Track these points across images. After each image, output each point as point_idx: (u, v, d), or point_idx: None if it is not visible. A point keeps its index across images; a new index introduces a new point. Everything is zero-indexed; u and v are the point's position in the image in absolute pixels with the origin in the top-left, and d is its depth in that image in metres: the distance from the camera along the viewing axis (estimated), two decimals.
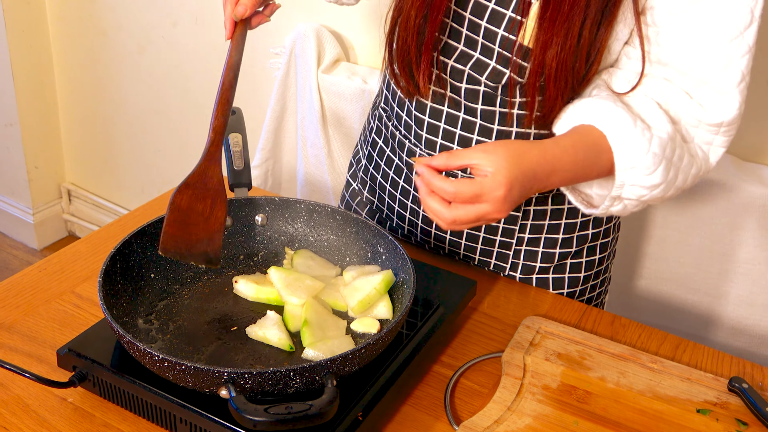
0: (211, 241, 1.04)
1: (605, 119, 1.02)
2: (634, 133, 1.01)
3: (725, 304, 1.71)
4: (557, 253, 1.24)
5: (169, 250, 1.02)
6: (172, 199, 1.00)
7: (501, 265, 1.26)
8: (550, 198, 1.20)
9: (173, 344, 0.99)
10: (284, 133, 2.08)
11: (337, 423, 0.88)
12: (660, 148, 1.01)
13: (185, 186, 1.01)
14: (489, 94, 1.11)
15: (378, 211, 1.34)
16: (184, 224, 1.02)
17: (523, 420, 0.97)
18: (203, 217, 1.03)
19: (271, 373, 0.84)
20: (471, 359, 1.08)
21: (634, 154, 1.01)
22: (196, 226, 1.03)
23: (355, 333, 1.03)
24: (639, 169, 1.01)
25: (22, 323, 1.09)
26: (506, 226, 1.22)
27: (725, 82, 1.02)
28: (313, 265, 1.13)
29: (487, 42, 1.08)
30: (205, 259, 1.04)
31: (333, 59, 1.97)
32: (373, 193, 1.34)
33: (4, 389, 0.97)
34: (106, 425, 0.94)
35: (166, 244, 1.02)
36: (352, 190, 1.39)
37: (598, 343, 1.10)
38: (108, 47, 2.53)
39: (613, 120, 1.01)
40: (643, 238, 1.75)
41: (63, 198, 2.93)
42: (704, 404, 1.02)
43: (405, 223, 1.29)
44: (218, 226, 1.04)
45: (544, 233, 1.23)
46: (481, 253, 1.25)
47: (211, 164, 1.01)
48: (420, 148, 1.20)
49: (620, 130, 1.01)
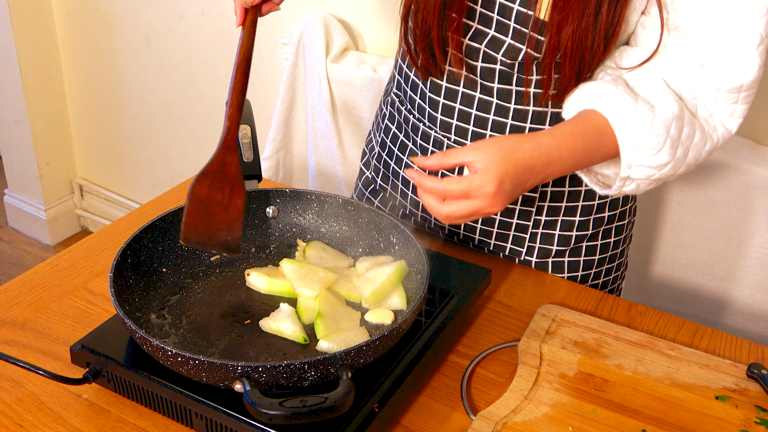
0: (231, 230, 1.04)
1: (606, 102, 1.01)
2: (635, 114, 1.00)
3: (741, 289, 1.70)
4: (573, 236, 1.23)
5: (190, 240, 1.02)
6: (192, 189, 1.00)
7: (517, 250, 1.25)
8: (568, 179, 1.19)
9: (187, 339, 0.98)
10: (294, 124, 2.08)
11: (353, 415, 0.88)
12: (663, 128, 1.00)
13: (203, 175, 1.01)
14: (505, 72, 1.10)
15: (391, 199, 1.33)
16: (204, 214, 1.02)
17: (541, 409, 0.96)
18: (222, 206, 1.03)
19: (285, 366, 0.84)
20: (487, 348, 1.08)
21: (637, 134, 1.00)
22: (216, 215, 1.02)
23: (369, 324, 1.02)
24: (644, 150, 1.01)
25: (35, 320, 1.08)
26: (523, 209, 1.21)
27: (744, 45, 1.00)
28: (325, 257, 1.13)
29: (502, 18, 1.07)
30: (226, 247, 1.04)
31: (341, 48, 1.96)
32: (386, 180, 1.33)
33: (19, 387, 0.97)
34: (122, 421, 0.93)
35: (187, 234, 1.01)
36: (365, 178, 1.39)
37: (615, 331, 1.09)
38: (115, 41, 2.52)
39: (614, 102, 1.01)
40: (658, 224, 1.74)
41: (75, 193, 2.93)
42: (723, 391, 1.01)
43: (419, 209, 1.28)
44: (237, 214, 1.03)
45: (560, 215, 1.22)
46: (496, 237, 1.24)
47: (228, 153, 1.01)
48: (435, 131, 1.20)
49: (621, 112, 1.00)
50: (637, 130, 1.00)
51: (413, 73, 1.21)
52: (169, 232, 1.10)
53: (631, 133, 1.00)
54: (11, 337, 1.05)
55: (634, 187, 1.06)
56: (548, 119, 1.13)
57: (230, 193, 1.02)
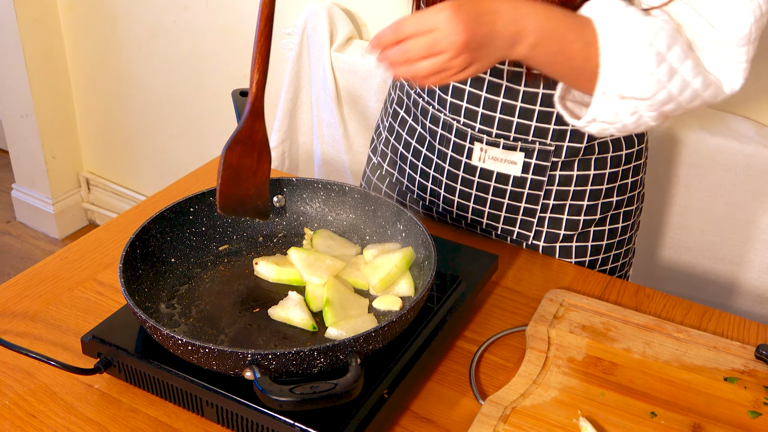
0: (260, 194, 1.07)
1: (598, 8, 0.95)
2: (624, 13, 0.93)
3: (749, 271, 1.70)
4: (582, 221, 1.23)
5: (227, 209, 1.05)
6: (224, 158, 1.02)
7: (525, 234, 1.25)
8: (576, 163, 1.19)
9: (196, 328, 0.99)
10: (299, 114, 2.08)
11: (362, 401, 0.88)
12: (651, 33, 0.92)
13: (235, 143, 1.02)
14: None
15: (398, 184, 1.33)
16: (235, 181, 1.05)
17: (550, 393, 0.97)
18: (251, 171, 1.05)
19: (295, 354, 0.84)
20: (495, 334, 1.08)
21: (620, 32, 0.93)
22: (246, 181, 1.06)
23: (377, 311, 1.03)
24: (625, 53, 0.92)
25: (45, 312, 1.09)
26: (531, 192, 1.21)
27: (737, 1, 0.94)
28: (333, 245, 1.13)
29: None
30: (257, 212, 1.08)
31: (346, 37, 1.96)
32: (393, 165, 1.33)
33: (31, 378, 0.98)
34: (134, 410, 0.94)
35: (224, 204, 1.05)
36: (373, 164, 1.39)
37: (623, 314, 1.10)
38: (120, 34, 2.53)
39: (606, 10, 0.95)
40: (664, 208, 1.74)
41: (82, 187, 2.94)
42: (732, 372, 1.01)
43: (427, 193, 1.29)
44: (265, 178, 1.07)
45: (569, 200, 1.22)
46: (504, 221, 1.25)
47: (255, 119, 1.02)
48: (444, 113, 1.20)
49: (608, 7, 0.94)
50: (621, 26, 0.92)
51: None
52: (176, 222, 1.10)
53: (614, 31, 0.93)
54: (22, 328, 1.06)
55: (613, 116, 0.97)
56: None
57: (258, 158, 1.05)
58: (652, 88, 0.94)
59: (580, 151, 1.18)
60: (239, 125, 1.02)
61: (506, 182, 1.20)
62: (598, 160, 1.20)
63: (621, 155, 1.21)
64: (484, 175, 1.21)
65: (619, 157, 1.21)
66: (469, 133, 1.18)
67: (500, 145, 1.17)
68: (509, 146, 1.17)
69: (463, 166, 1.21)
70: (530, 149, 1.17)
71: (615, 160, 1.21)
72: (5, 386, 0.97)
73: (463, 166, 1.21)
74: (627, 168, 1.22)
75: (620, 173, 1.22)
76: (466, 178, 1.22)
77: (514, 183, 1.20)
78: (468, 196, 1.24)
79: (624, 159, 1.21)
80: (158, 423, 0.93)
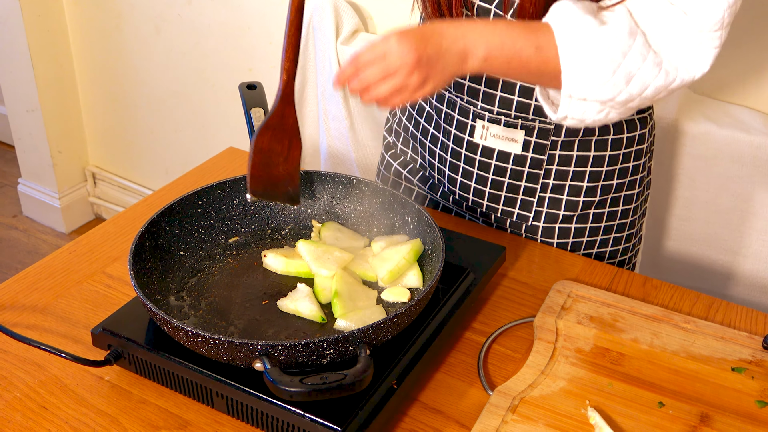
0: (291, 180, 1.08)
1: (555, 11, 0.99)
2: (580, 22, 0.96)
3: (755, 262, 1.70)
4: (581, 202, 1.24)
5: (257, 192, 1.07)
6: (255, 142, 1.03)
7: (524, 215, 1.26)
8: (576, 143, 1.20)
9: (206, 320, 0.99)
10: (305, 107, 2.08)
11: (372, 392, 0.89)
12: (606, 42, 0.96)
13: (266, 128, 1.03)
14: None
15: (412, 161, 1.36)
16: (266, 165, 1.06)
17: (558, 383, 0.97)
18: (282, 157, 1.06)
19: (305, 344, 0.85)
20: (503, 325, 1.08)
21: (577, 40, 0.96)
22: (277, 167, 1.07)
23: (385, 302, 1.03)
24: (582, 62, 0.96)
25: (55, 305, 1.10)
26: (531, 171, 1.22)
27: None
28: (341, 237, 1.14)
29: None
30: (288, 197, 1.10)
31: (351, 30, 1.96)
32: (406, 144, 1.37)
33: (42, 370, 0.99)
34: (144, 401, 0.95)
35: (255, 186, 1.06)
36: (387, 143, 1.43)
37: (630, 305, 1.10)
38: (124, 28, 2.53)
39: (559, 8, 0.98)
40: (669, 200, 1.74)
41: (88, 181, 2.94)
42: (739, 362, 1.01)
43: (435, 171, 1.31)
44: (296, 165, 1.08)
45: (568, 180, 1.23)
46: (504, 202, 1.26)
47: (286, 105, 1.03)
48: (449, 91, 1.22)
49: (565, 17, 0.97)
50: (579, 34, 0.96)
51: None
52: (185, 215, 1.11)
53: (572, 38, 0.96)
54: (32, 321, 1.06)
55: (581, 113, 1.01)
56: None
57: (289, 145, 1.06)
58: (611, 91, 0.99)
59: (579, 131, 1.19)
60: (270, 111, 1.03)
61: (507, 160, 1.22)
62: (598, 142, 1.21)
63: (622, 138, 1.22)
64: (485, 153, 1.22)
65: (620, 140, 1.22)
66: (471, 110, 1.21)
67: (501, 122, 1.19)
68: (510, 123, 1.19)
69: (465, 143, 1.23)
70: (530, 127, 1.19)
71: (616, 143, 1.22)
72: (16, 378, 0.97)
73: (465, 144, 1.23)
74: (628, 152, 1.23)
75: (621, 156, 1.23)
76: (468, 156, 1.24)
77: (515, 161, 1.21)
78: (470, 175, 1.25)
79: (625, 142, 1.23)
80: (168, 414, 0.93)
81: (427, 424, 0.94)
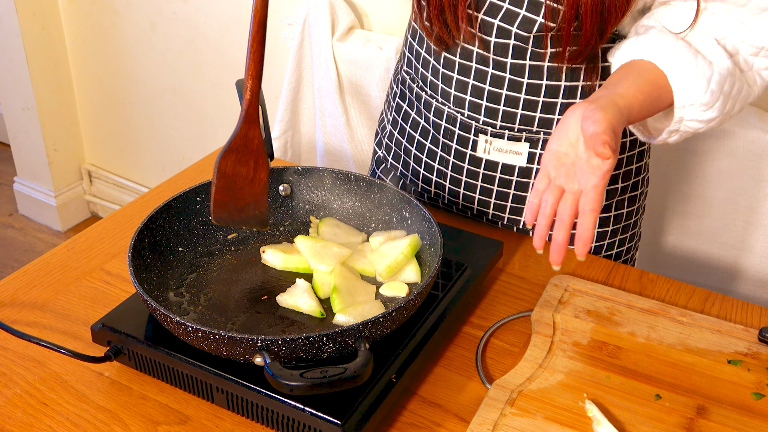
0: (258, 203, 1.05)
1: (666, 56, 1.01)
2: (695, 72, 1.00)
3: (752, 256, 1.71)
4: None
5: (221, 218, 1.03)
6: (218, 167, 1.00)
7: None
8: None
9: (205, 315, 1.00)
10: (301, 104, 2.08)
11: (371, 385, 0.89)
12: (718, 85, 1.01)
13: (229, 151, 1.00)
14: (519, 47, 1.11)
15: (402, 177, 1.34)
16: (231, 190, 1.02)
17: (555, 377, 0.98)
18: (248, 180, 1.03)
19: (304, 339, 0.85)
20: (501, 319, 1.09)
21: (693, 92, 1.00)
22: (242, 190, 1.03)
23: (384, 297, 1.04)
24: (697, 106, 1.01)
25: (54, 302, 1.10)
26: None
27: None
28: (339, 233, 1.14)
29: None
30: (256, 221, 1.05)
31: (347, 27, 1.96)
32: (398, 158, 1.34)
33: (42, 367, 0.99)
34: (144, 397, 0.95)
35: (218, 213, 1.02)
36: (378, 157, 1.40)
37: (627, 299, 1.11)
38: (120, 25, 2.53)
39: (674, 57, 1.00)
40: (667, 194, 1.75)
41: (84, 179, 2.94)
42: (735, 355, 1.02)
43: (431, 186, 1.29)
44: (263, 187, 1.04)
45: None
46: (510, 211, 1.25)
47: (250, 126, 1.00)
48: (448, 106, 1.20)
49: (681, 68, 1.00)
50: (694, 87, 1.00)
51: (424, 50, 1.21)
52: (183, 212, 1.11)
53: (688, 90, 1.00)
54: (32, 318, 1.07)
55: (677, 138, 1.07)
56: (561, 93, 1.14)
57: (254, 167, 1.02)
58: (717, 123, 1.05)
59: None
60: (234, 132, 1.00)
61: (512, 173, 1.21)
62: None
63: (625, 142, 1.21)
64: (489, 167, 1.21)
65: (623, 143, 1.21)
66: (473, 125, 1.19)
67: (505, 136, 1.18)
68: (514, 137, 1.18)
69: (468, 158, 1.22)
70: (535, 139, 1.18)
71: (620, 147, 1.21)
72: (17, 375, 0.98)
73: (468, 158, 1.22)
74: (631, 154, 1.23)
75: (624, 159, 1.23)
76: (471, 170, 1.23)
77: (520, 173, 1.21)
78: (473, 187, 1.24)
79: (628, 146, 1.22)
80: (169, 409, 0.94)
81: (426, 417, 0.94)
